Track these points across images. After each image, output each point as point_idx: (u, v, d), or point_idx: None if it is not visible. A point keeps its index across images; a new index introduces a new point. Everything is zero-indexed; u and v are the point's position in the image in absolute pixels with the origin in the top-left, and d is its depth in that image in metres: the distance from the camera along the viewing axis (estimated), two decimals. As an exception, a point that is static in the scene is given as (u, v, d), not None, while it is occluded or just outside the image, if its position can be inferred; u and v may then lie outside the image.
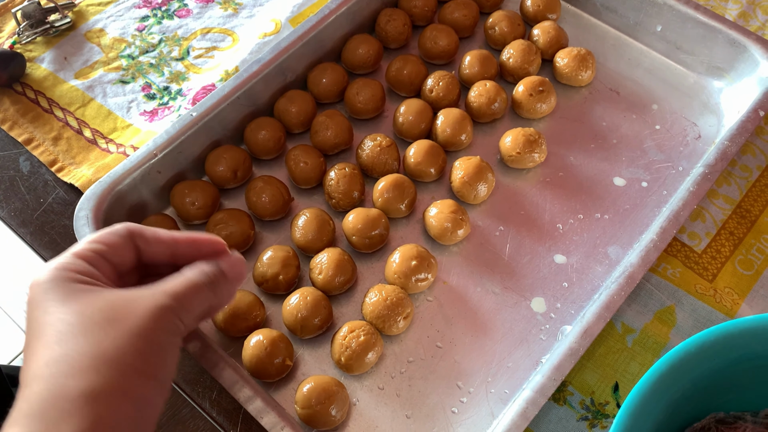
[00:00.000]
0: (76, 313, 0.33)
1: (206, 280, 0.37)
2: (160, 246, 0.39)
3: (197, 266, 0.38)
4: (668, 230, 0.50)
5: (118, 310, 0.33)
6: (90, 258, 0.36)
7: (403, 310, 0.50)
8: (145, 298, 0.34)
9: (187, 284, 0.36)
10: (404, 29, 0.64)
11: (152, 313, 0.33)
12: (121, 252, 0.37)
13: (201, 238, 0.39)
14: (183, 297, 0.35)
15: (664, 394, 0.39)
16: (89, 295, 0.34)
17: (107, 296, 0.34)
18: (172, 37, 0.68)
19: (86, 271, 0.35)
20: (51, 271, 0.35)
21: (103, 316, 0.33)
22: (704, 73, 0.63)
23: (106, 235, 0.37)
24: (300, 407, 0.46)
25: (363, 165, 0.57)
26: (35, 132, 0.62)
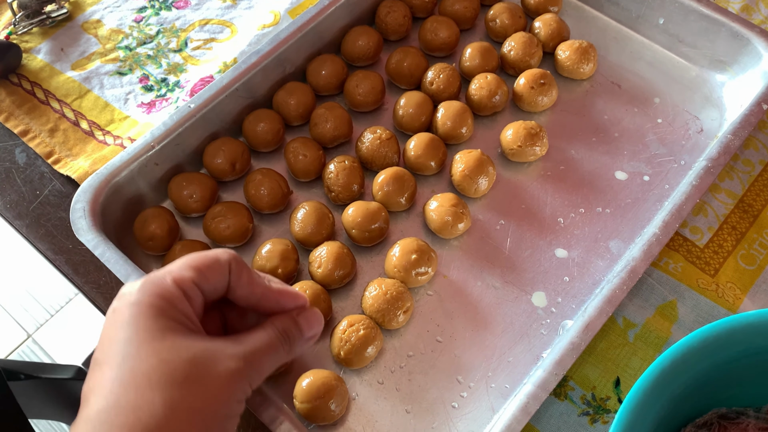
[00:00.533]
0: (160, 361, 0.32)
1: (284, 339, 0.37)
2: (252, 290, 0.38)
3: (277, 322, 0.37)
4: (671, 224, 0.50)
5: (200, 368, 0.33)
6: (188, 288, 0.35)
7: (403, 304, 0.49)
8: (227, 359, 0.34)
9: (266, 346, 0.36)
10: (404, 21, 0.64)
11: (229, 381, 0.34)
12: (215, 283, 0.37)
13: (288, 290, 0.39)
14: (260, 361, 0.36)
15: (666, 390, 0.39)
16: (177, 341, 0.33)
17: (192, 348, 0.33)
18: (170, 28, 0.68)
19: (180, 304, 0.35)
20: (149, 295, 0.34)
21: (185, 372, 0.32)
22: (707, 66, 0.63)
23: (208, 262, 0.36)
24: (299, 402, 0.45)
25: (363, 158, 0.57)
26: (31, 123, 0.61)
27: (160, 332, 0.33)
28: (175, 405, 0.31)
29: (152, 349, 0.32)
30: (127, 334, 0.33)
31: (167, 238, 0.52)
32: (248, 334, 0.36)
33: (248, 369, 0.35)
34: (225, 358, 0.34)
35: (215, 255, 0.37)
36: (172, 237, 0.53)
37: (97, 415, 0.31)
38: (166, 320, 0.33)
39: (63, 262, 0.55)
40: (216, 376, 0.33)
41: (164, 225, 0.52)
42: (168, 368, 0.32)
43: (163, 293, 0.34)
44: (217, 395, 0.33)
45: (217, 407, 0.33)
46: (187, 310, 0.35)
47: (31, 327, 1.41)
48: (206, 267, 0.36)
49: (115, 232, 0.52)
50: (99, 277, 0.54)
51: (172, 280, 0.35)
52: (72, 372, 0.92)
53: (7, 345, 1.38)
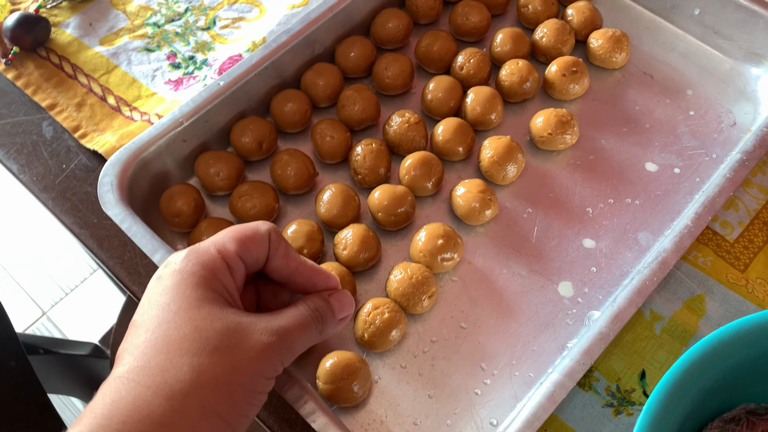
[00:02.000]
0: (194, 328, 0.33)
1: (316, 318, 0.37)
2: (288, 262, 0.39)
3: (310, 302, 0.38)
4: (703, 217, 0.49)
5: (232, 339, 0.33)
6: (231, 260, 0.36)
7: (428, 288, 0.49)
8: (259, 333, 0.34)
9: (299, 324, 0.36)
10: (435, 4, 0.63)
11: (260, 355, 0.34)
12: (257, 254, 0.37)
13: (321, 270, 0.40)
14: (293, 338, 0.36)
15: (694, 384, 0.39)
16: (214, 311, 0.34)
17: (228, 319, 0.34)
18: (198, 6, 0.67)
19: (223, 275, 0.35)
20: (193, 264, 0.35)
21: (216, 341, 0.33)
22: (741, 59, 0.62)
23: (250, 233, 0.37)
24: (322, 382, 0.45)
25: (390, 141, 0.56)
26: (59, 97, 0.61)
27: (197, 301, 0.33)
28: (203, 371, 0.32)
29: (188, 316, 0.33)
30: (167, 300, 0.34)
31: (193, 215, 0.52)
32: (282, 312, 0.36)
33: (279, 345, 0.35)
34: (257, 332, 0.34)
35: (256, 226, 0.37)
36: (198, 214, 0.52)
37: (126, 374, 0.32)
38: (205, 290, 0.34)
39: (87, 236, 0.55)
40: (247, 348, 0.33)
41: (191, 202, 0.52)
42: (200, 336, 0.33)
43: (207, 263, 0.35)
44: (245, 367, 0.33)
45: (244, 379, 0.33)
46: (229, 283, 0.35)
47: (46, 304, 1.42)
48: (248, 239, 0.36)
49: (141, 208, 0.52)
50: (123, 252, 0.54)
51: (217, 251, 0.35)
52: (89, 349, 0.93)
53: (22, 322, 1.39)
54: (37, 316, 1.41)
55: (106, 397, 0.32)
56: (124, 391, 0.31)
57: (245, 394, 0.34)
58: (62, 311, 1.41)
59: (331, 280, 0.40)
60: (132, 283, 0.53)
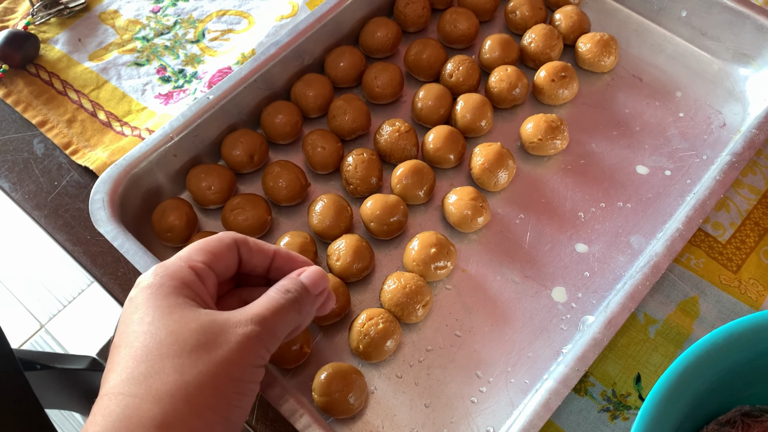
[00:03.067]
0: (169, 332, 0.33)
1: (292, 299, 0.37)
2: (261, 256, 0.39)
3: (279, 285, 0.38)
4: (694, 219, 0.49)
5: (209, 336, 0.34)
6: (200, 270, 0.36)
7: (422, 298, 0.49)
8: (235, 325, 0.34)
9: (274, 307, 0.36)
10: (423, 12, 0.63)
11: (241, 345, 0.34)
12: (226, 261, 0.38)
13: (296, 256, 0.40)
14: (271, 322, 0.36)
15: (689, 386, 0.39)
16: (186, 314, 0.34)
17: (202, 319, 0.34)
18: (187, 19, 0.67)
19: (193, 284, 0.36)
20: (161, 277, 0.35)
21: (193, 341, 0.33)
22: (729, 59, 0.62)
23: (215, 244, 0.38)
24: (318, 395, 0.45)
25: (381, 151, 0.57)
26: (49, 114, 0.61)
27: (169, 308, 0.34)
28: (185, 370, 0.32)
29: (162, 323, 0.33)
30: (140, 315, 0.34)
31: (186, 230, 0.52)
32: (254, 302, 0.37)
33: (259, 332, 0.35)
34: (234, 324, 0.34)
35: (219, 235, 0.38)
36: (190, 228, 0.52)
37: (112, 389, 0.32)
38: (176, 297, 0.34)
39: (81, 252, 0.55)
40: (225, 341, 0.34)
41: (183, 216, 0.52)
42: (177, 338, 0.33)
43: (175, 274, 0.35)
44: (228, 359, 0.33)
45: (229, 370, 0.33)
46: (200, 289, 0.36)
47: (44, 317, 1.42)
48: (214, 248, 0.37)
49: (133, 224, 0.52)
50: (117, 268, 0.54)
51: (184, 263, 0.36)
52: (86, 362, 0.93)
53: (20, 335, 1.39)
54: (35, 329, 1.40)
55: (96, 416, 0.32)
56: (113, 405, 0.32)
57: (233, 385, 0.34)
58: (60, 324, 1.41)
59: (306, 263, 0.40)
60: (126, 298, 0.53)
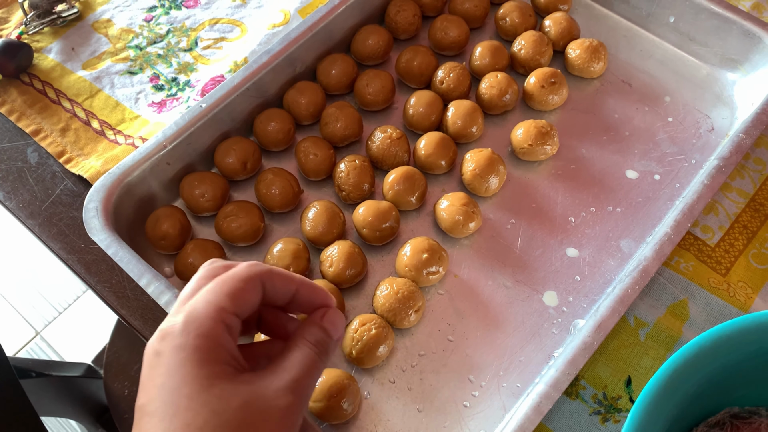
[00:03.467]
0: (212, 412, 0.31)
1: (321, 353, 0.36)
2: (285, 290, 0.37)
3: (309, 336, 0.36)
4: (682, 223, 0.50)
5: (253, 414, 0.32)
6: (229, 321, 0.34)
7: (414, 303, 0.49)
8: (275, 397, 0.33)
9: (309, 367, 0.35)
10: (414, 20, 0.64)
11: (283, 421, 0.33)
12: (251, 302, 0.36)
13: (319, 288, 0.38)
14: (306, 385, 0.35)
15: (678, 389, 0.39)
16: (227, 388, 0.32)
17: (241, 393, 0.32)
18: (180, 27, 0.68)
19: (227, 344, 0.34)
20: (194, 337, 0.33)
21: (237, 422, 0.31)
22: (717, 64, 0.62)
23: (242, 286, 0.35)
24: (312, 400, 0.45)
25: (373, 157, 0.57)
26: (43, 123, 0.62)
27: (208, 380, 0.32)
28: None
29: (203, 400, 0.31)
30: (175, 384, 0.32)
31: (179, 238, 0.52)
32: (287, 359, 0.35)
33: (298, 400, 0.34)
34: (274, 396, 0.33)
35: (247, 274, 0.35)
36: (184, 236, 0.53)
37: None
38: (212, 365, 0.32)
39: (75, 261, 0.55)
40: (269, 418, 0.32)
41: (176, 224, 0.52)
42: (221, 420, 0.31)
43: (208, 333, 0.33)
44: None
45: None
46: (232, 348, 0.34)
47: (40, 324, 1.42)
48: (242, 291, 0.35)
49: (127, 232, 0.52)
50: (111, 276, 0.54)
51: (215, 315, 0.33)
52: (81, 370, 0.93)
53: (15, 342, 1.39)
54: (31, 336, 1.40)
55: None
56: None
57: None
58: (56, 331, 1.41)
59: (328, 299, 0.39)
60: (120, 306, 0.53)
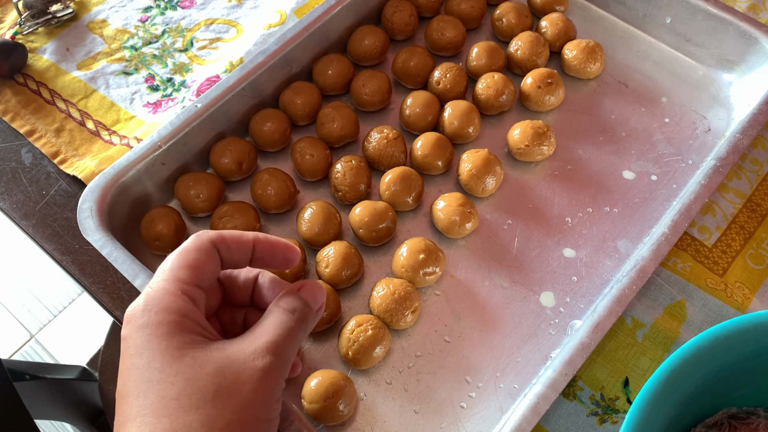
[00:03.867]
0: (186, 380, 0.31)
1: (299, 319, 0.35)
2: (241, 251, 0.36)
3: (285, 304, 0.35)
4: (680, 224, 0.50)
5: (228, 378, 0.31)
6: (192, 294, 0.33)
7: (411, 304, 0.49)
8: (252, 359, 0.32)
9: (285, 332, 0.34)
10: (411, 20, 0.64)
11: (262, 382, 0.32)
12: (210, 270, 0.35)
13: (276, 241, 0.37)
14: (284, 348, 0.34)
15: (676, 390, 0.39)
16: (199, 355, 0.31)
17: (216, 359, 0.32)
18: (175, 28, 0.67)
19: (192, 314, 0.33)
20: (155, 313, 0.32)
21: (213, 387, 0.31)
22: (714, 65, 0.62)
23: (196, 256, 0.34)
24: (307, 402, 0.45)
25: (369, 158, 0.57)
26: (37, 123, 0.61)
27: (178, 350, 0.31)
28: (213, 423, 0.30)
29: (175, 370, 0.31)
30: (146, 360, 0.31)
31: (174, 238, 0.52)
32: (262, 326, 0.34)
33: (277, 362, 0.33)
34: (249, 358, 0.32)
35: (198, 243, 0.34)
36: (179, 237, 0.52)
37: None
38: (180, 335, 0.32)
39: (69, 262, 0.55)
40: (246, 380, 0.32)
41: (171, 225, 0.52)
42: (196, 387, 0.31)
43: (169, 306, 0.32)
44: (252, 401, 0.32)
45: (255, 413, 0.32)
46: (199, 318, 0.33)
47: (34, 327, 1.41)
48: (196, 261, 0.34)
49: (121, 232, 0.52)
50: (106, 277, 0.54)
51: (175, 290, 0.33)
52: (76, 372, 0.93)
53: (10, 345, 1.38)
54: (25, 339, 1.40)
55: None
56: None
57: (261, 427, 0.32)
58: (51, 334, 1.40)
59: (289, 250, 0.37)
60: (115, 308, 0.53)
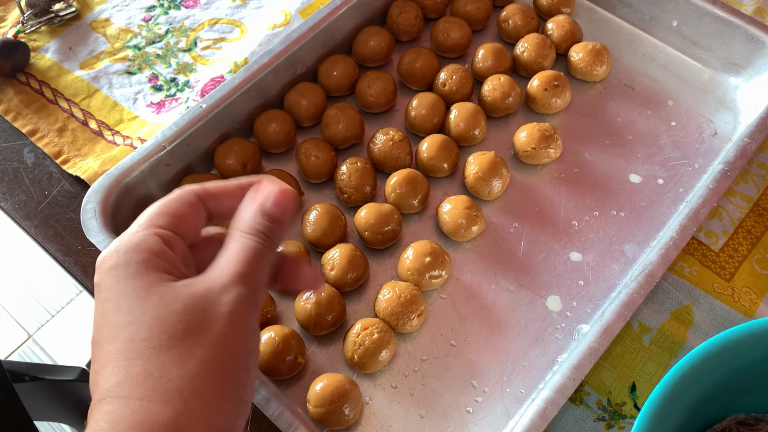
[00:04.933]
0: (154, 319, 0.29)
1: (265, 239, 0.32)
2: (229, 201, 0.34)
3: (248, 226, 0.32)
4: (688, 228, 0.49)
5: (198, 313, 0.29)
6: (166, 237, 0.31)
7: (416, 307, 0.49)
8: (220, 292, 0.30)
9: (252, 257, 0.31)
10: (416, 21, 0.63)
11: (233, 315, 0.30)
12: (193, 221, 0.33)
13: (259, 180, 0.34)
14: (254, 275, 0.31)
15: (685, 396, 0.39)
16: (166, 293, 0.30)
17: (184, 295, 0.30)
18: (179, 27, 0.67)
19: (162, 253, 0.31)
20: (124, 253, 0.30)
21: (183, 325, 0.29)
22: (720, 69, 0.62)
23: (176, 205, 0.32)
24: (313, 406, 0.45)
25: (375, 159, 0.56)
26: (40, 123, 0.61)
27: (145, 290, 0.30)
28: (185, 362, 0.28)
29: (142, 309, 0.29)
30: (114, 304, 0.30)
31: (178, 240, 0.51)
32: (226, 254, 0.32)
33: (248, 291, 0.31)
34: (219, 291, 0.30)
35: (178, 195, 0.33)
36: (183, 238, 0.52)
37: (109, 393, 0.28)
38: (148, 274, 0.30)
39: (72, 263, 0.55)
40: (217, 315, 0.29)
41: (175, 226, 0.51)
42: (165, 326, 0.29)
43: (139, 245, 0.30)
44: (225, 336, 0.29)
45: (229, 348, 0.30)
46: (169, 257, 0.31)
47: (32, 327, 1.40)
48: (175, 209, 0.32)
49: (125, 233, 0.51)
50: (108, 278, 0.54)
51: (146, 230, 0.31)
52: (76, 373, 0.92)
53: (7, 345, 1.37)
54: (23, 339, 1.39)
55: (100, 423, 0.28)
56: (119, 410, 0.28)
57: (237, 361, 0.30)
58: (49, 334, 1.39)
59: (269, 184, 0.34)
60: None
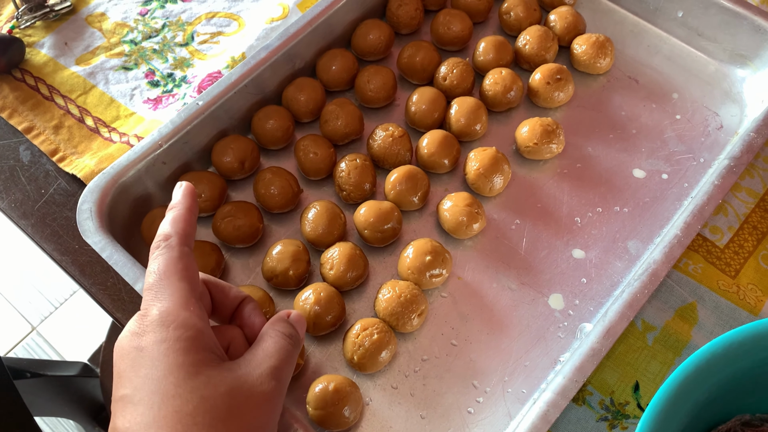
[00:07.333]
0: (201, 398, 0.32)
1: (294, 345, 0.38)
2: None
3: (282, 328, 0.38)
4: (693, 225, 0.49)
5: (239, 399, 0.33)
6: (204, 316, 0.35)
7: (417, 307, 0.48)
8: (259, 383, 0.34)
9: (285, 356, 0.36)
10: (416, 14, 0.62)
11: (268, 406, 0.34)
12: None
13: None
14: (285, 373, 0.36)
15: (689, 397, 0.38)
16: (213, 375, 0.33)
17: (228, 380, 0.33)
18: (175, 21, 0.66)
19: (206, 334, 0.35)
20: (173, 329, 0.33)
21: (225, 407, 0.32)
22: (726, 60, 0.61)
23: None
24: (312, 408, 0.44)
25: (374, 156, 0.56)
26: (35, 120, 0.60)
27: (194, 367, 0.33)
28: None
29: (191, 386, 0.32)
30: (161, 373, 0.32)
31: (176, 239, 0.51)
32: (263, 349, 0.36)
33: (279, 386, 0.35)
34: (257, 382, 0.34)
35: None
36: (180, 238, 0.51)
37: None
38: (196, 353, 0.33)
39: (69, 262, 0.54)
40: (255, 404, 0.34)
41: (173, 225, 0.51)
42: (210, 405, 0.32)
43: (185, 323, 0.34)
44: (259, 423, 0.33)
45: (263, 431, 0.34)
46: (212, 338, 0.35)
47: (36, 320, 1.40)
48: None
49: (122, 233, 0.51)
50: (106, 278, 0.53)
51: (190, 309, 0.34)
52: (78, 369, 0.92)
53: (11, 338, 1.38)
54: (27, 331, 1.39)
55: None
56: None
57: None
58: (52, 326, 1.40)
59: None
60: (116, 309, 0.52)
